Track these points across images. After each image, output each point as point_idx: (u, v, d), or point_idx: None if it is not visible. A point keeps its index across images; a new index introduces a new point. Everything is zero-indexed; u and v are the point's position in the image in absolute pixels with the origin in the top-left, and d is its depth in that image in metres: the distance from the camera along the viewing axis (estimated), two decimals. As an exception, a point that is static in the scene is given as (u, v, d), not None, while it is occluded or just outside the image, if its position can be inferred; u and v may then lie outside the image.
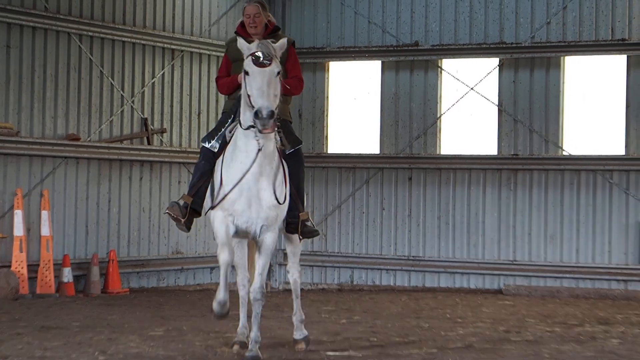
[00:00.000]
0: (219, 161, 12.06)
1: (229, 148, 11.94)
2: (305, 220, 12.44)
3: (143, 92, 21.79)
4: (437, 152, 23.05)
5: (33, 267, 19.33)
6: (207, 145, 12.31)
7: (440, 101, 23.03)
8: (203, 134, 22.42)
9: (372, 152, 23.59)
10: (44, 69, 20.02)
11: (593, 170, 21.82)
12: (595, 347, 13.80)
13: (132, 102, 21.55)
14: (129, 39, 21.39)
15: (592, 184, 21.86)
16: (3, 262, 19.04)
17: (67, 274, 19.83)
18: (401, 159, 23.18)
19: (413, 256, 23.07)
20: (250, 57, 11.40)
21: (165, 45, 22.14)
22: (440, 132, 23.02)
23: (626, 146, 21.61)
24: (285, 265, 13.98)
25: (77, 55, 20.55)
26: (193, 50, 22.67)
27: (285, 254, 13.53)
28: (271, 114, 10.98)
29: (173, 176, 22.26)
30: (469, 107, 22.77)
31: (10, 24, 19.42)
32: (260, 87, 11.22)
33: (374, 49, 23.48)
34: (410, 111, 23.22)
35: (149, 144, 21.81)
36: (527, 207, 22.34)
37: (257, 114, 11.02)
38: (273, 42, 11.68)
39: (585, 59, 22.05)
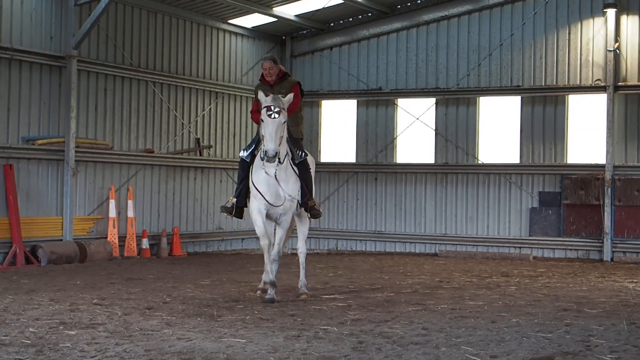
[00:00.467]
0: (251, 168, 12.04)
1: (255, 161, 11.92)
2: (313, 205, 12.36)
3: (197, 121, 21.66)
4: (394, 161, 22.99)
5: (122, 238, 19.28)
6: (242, 155, 12.25)
7: (396, 127, 22.97)
8: (237, 149, 22.56)
9: (351, 161, 23.51)
10: (130, 105, 19.91)
11: (498, 173, 21.79)
12: (499, 291, 13.77)
13: (189, 127, 21.43)
14: (187, 85, 21.26)
15: (497, 182, 21.82)
16: (102, 234, 18.97)
17: (145, 243, 19.75)
18: (370, 165, 23.12)
19: (377, 231, 23.02)
20: (265, 109, 11.42)
21: (212, 89, 22.00)
22: (396, 147, 22.96)
23: (520, 157, 21.58)
24: (293, 237, 13.87)
25: (152, 95, 20.43)
26: (230, 92, 22.55)
27: (294, 230, 13.41)
28: (275, 154, 11.22)
29: (217, 177, 22.16)
30: (415, 131, 22.70)
31: (107, 74, 19.33)
32: (270, 133, 11.28)
33: (352, 92, 23.39)
34: (376, 133, 23.16)
35: (200, 155, 21.72)
36: (454, 198, 22.28)
37: (266, 153, 11.22)
38: (282, 97, 11.63)
39: (493, 99, 22.01)
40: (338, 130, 23.84)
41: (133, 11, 19.97)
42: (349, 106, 23.65)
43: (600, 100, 20.79)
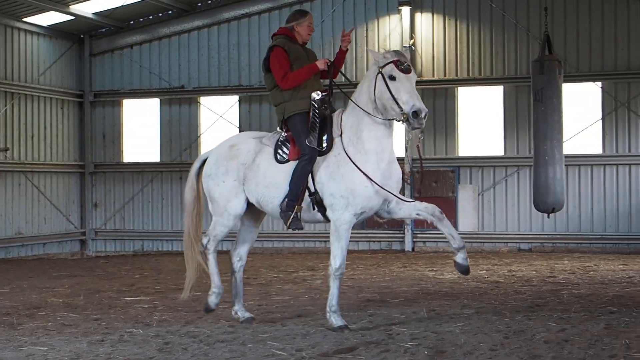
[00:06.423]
0: (328, 160, 9.42)
1: (350, 150, 9.29)
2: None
3: (-9, 123, 20.92)
4: (199, 159, 22.82)
5: None
6: (315, 145, 9.42)
7: (200, 125, 22.88)
8: (36, 151, 21.83)
9: (155, 160, 23.18)
10: None
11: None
12: (306, 285, 13.98)
13: (-16, 129, 20.67)
14: (-20, 86, 20.50)
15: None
16: None
17: (-61, 251, 18.93)
18: (174, 164, 22.83)
19: (184, 230, 22.76)
20: (391, 65, 9.06)
21: (7, 90, 21.14)
22: (200, 146, 22.80)
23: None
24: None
25: (-58, 97, 19.58)
26: (27, 93, 21.75)
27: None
28: (425, 115, 9.01)
29: (14, 181, 21.30)
30: (219, 129, 22.63)
31: None
32: (411, 91, 9.04)
33: (154, 90, 23.09)
34: (179, 132, 22.91)
35: (-4, 158, 20.98)
36: (260, 194, 22.41)
37: (415, 114, 8.92)
38: (402, 51, 9.47)
39: (295, 95, 22.25)
40: (141, 129, 23.53)
41: None
42: (152, 105, 23.36)
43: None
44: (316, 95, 9.54)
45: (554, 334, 8.83)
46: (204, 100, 22.92)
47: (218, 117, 22.60)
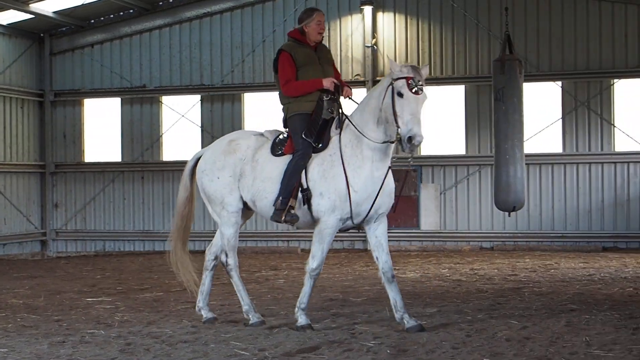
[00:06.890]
0: (322, 158, 9.35)
1: (346, 151, 9.23)
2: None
3: (-50, 122, 20.67)
4: (161, 159, 22.72)
5: None
6: (311, 140, 9.33)
7: (162, 124, 22.78)
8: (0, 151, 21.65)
9: (116, 160, 23.01)
10: None
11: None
12: (269, 285, 13.98)
13: (-58, 129, 20.42)
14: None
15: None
16: None
17: None
18: (136, 164, 22.71)
19: (146, 230, 22.71)
20: (404, 81, 8.89)
21: (-35, 89, 21.06)
22: (162, 145, 22.71)
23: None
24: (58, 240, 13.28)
25: None
26: (-14, 92, 21.65)
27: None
28: (419, 143, 8.81)
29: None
30: (181, 128, 22.56)
31: None
32: (415, 113, 8.80)
33: (115, 90, 22.92)
34: (141, 131, 22.77)
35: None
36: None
37: (410, 139, 8.71)
38: (419, 67, 9.16)
39: (257, 95, 22.22)
40: (102, 129, 23.36)
41: None
42: (113, 104, 23.21)
43: (360, 95, 21.37)
44: (325, 97, 9.50)
45: (515, 332, 8.90)
46: (166, 99, 22.82)
47: (180, 116, 22.51)
